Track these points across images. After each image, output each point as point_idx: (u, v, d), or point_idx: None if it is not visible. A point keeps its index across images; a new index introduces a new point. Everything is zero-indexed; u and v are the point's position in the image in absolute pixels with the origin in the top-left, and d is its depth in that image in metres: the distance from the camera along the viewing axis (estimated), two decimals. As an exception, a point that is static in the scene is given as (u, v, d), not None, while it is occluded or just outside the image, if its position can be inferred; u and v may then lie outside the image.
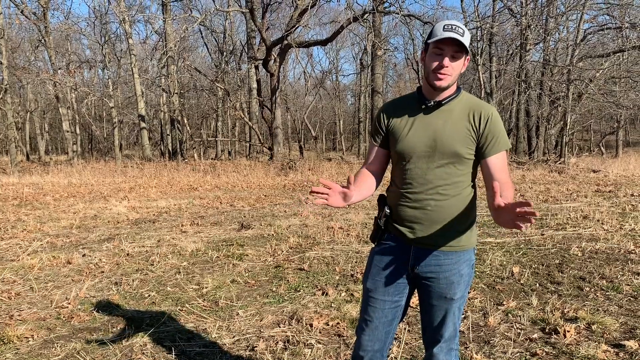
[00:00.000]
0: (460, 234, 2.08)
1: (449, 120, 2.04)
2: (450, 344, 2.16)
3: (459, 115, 2.04)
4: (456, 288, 2.09)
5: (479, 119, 2.03)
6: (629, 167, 16.79)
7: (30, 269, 5.52)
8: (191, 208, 10.02)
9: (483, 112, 2.04)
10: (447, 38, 1.93)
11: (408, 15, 18.90)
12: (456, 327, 2.15)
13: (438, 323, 2.13)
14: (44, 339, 3.69)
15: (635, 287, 4.46)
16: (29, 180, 16.68)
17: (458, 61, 1.99)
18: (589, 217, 7.73)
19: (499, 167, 2.03)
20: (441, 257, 2.08)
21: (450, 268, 2.08)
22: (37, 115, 36.73)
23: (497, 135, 2.03)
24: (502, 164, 2.04)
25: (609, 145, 34.95)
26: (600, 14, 20.60)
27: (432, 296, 2.12)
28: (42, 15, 24.25)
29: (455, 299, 2.09)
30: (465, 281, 2.11)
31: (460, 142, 2.02)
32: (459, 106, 2.06)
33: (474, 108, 2.05)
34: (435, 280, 2.09)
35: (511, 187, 2.03)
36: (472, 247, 2.13)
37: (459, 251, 2.08)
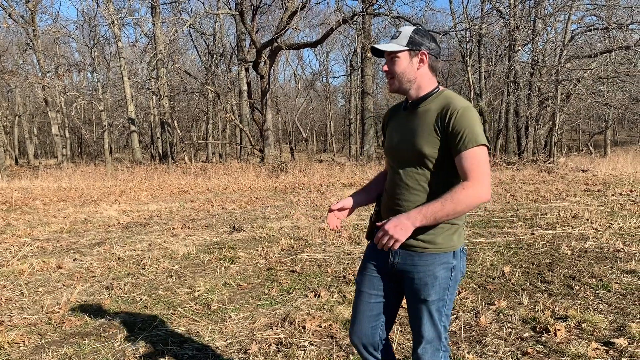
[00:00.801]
0: (433, 235, 2.04)
1: (421, 121, 2.06)
2: (435, 345, 2.12)
3: (432, 114, 2.03)
4: (430, 290, 2.05)
5: (446, 117, 1.97)
6: (617, 166, 16.95)
7: (21, 274, 5.48)
8: (182, 211, 10.00)
9: (450, 108, 1.98)
10: (371, 48, 2.12)
11: (397, 17, 18.97)
12: (439, 329, 2.10)
13: (416, 323, 2.13)
14: (35, 344, 3.67)
15: (624, 285, 4.51)
16: (18, 184, 16.56)
17: (397, 61, 2.06)
18: (578, 216, 7.80)
19: (466, 166, 1.93)
20: (415, 258, 2.07)
21: (423, 269, 2.05)
22: (26, 119, 36.44)
23: (463, 132, 1.93)
24: (470, 162, 1.93)
25: (597, 144, 35.26)
26: (587, 14, 20.80)
27: (408, 295, 2.15)
28: (30, 19, 24.08)
29: (430, 300, 2.05)
30: (440, 284, 2.05)
31: (426, 142, 2.01)
32: (434, 105, 2.05)
33: (445, 106, 2.01)
34: (410, 280, 2.09)
35: (463, 186, 1.92)
36: (451, 250, 2.06)
37: (433, 253, 2.04)
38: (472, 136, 1.93)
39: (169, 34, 22.12)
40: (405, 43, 2.04)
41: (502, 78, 22.04)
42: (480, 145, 1.93)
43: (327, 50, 40.28)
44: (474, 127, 1.94)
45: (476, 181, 1.91)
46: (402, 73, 2.06)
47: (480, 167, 1.93)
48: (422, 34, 2.07)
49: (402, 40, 2.04)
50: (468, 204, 1.91)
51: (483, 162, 1.94)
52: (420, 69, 2.07)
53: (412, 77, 2.07)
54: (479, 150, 1.94)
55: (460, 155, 1.94)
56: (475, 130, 1.94)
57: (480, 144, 1.93)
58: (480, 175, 1.92)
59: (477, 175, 1.91)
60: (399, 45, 2.05)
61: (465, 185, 1.91)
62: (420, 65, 2.07)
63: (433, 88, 2.10)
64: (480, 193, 1.91)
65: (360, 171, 17.50)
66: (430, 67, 2.09)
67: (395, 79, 2.08)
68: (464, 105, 1.98)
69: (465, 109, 1.96)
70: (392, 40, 2.08)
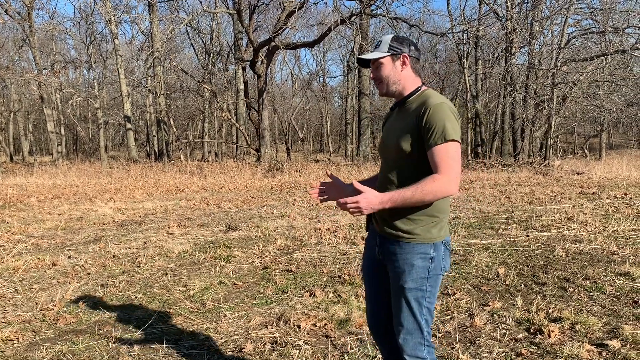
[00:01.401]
0: (413, 226, 2.15)
1: (403, 118, 2.22)
2: (416, 337, 2.18)
3: (412, 112, 2.17)
4: (407, 277, 2.15)
5: (421, 113, 2.10)
6: (612, 170, 17.02)
7: (15, 271, 5.46)
8: (178, 210, 9.98)
9: (425, 105, 2.10)
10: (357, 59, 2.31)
11: (395, 18, 19.01)
12: (419, 321, 2.17)
13: (396, 311, 2.22)
14: (29, 341, 3.66)
15: (618, 288, 4.53)
16: (13, 181, 16.49)
17: (381, 67, 2.25)
18: (573, 218, 7.83)
19: (436, 160, 2.03)
20: (396, 246, 2.19)
21: (402, 257, 2.17)
22: (21, 116, 36.29)
23: (433, 127, 2.04)
24: (440, 157, 2.03)
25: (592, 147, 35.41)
26: (584, 18, 20.89)
27: (391, 283, 2.26)
28: (27, 15, 23.99)
29: (407, 287, 2.15)
30: (417, 272, 2.14)
31: (404, 137, 2.14)
32: (415, 104, 2.20)
33: (422, 103, 2.14)
34: (391, 267, 2.23)
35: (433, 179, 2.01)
36: (430, 241, 2.15)
37: (411, 242, 2.15)
38: (442, 132, 2.04)
39: (166, 32, 22.06)
40: (386, 49, 2.23)
41: (499, 80, 22.11)
42: (450, 140, 2.04)
43: (325, 50, 40.36)
44: (445, 123, 2.04)
45: (445, 175, 2.02)
46: (387, 77, 2.24)
47: (449, 161, 2.03)
48: (401, 40, 2.26)
49: (384, 47, 2.24)
50: (435, 195, 2.03)
51: (452, 157, 2.04)
52: (404, 70, 2.25)
53: (396, 79, 2.24)
54: (449, 145, 2.04)
55: (432, 150, 2.05)
56: (445, 125, 2.04)
57: (449, 140, 2.03)
58: (449, 169, 2.02)
59: (445, 169, 2.02)
60: (381, 52, 2.23)
61: (435, 177, 2.02)
62: (403, 67, 2.25)
63: (416, 87, 2.26)
64: (447, 186, 2.02)
65: (357, 171, 17.52)
66: (413, 69, 2.27)
67: (383, 83, 2.26)
68: (438, 102, 2.09)
69: (438, 105, 2.07)
70: (375, 50, 2.28)
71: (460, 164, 2.09)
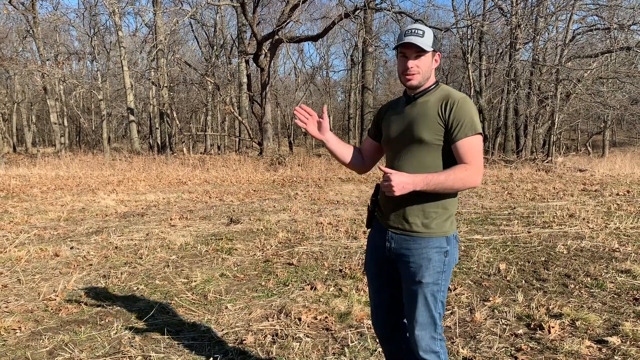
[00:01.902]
0: (429, 220, 2.17)
1: (422, 110, 2.20)
2: (430, 331, 2.20)
3: (432, 105, 2.17)
4: (424, 272, 2.15)
5: (446, 106, 2.13)
6: (615, 167, 16.99)
7: (18, 261, 5.49)
8: (180, 202, 10.00)
9: (450, 99, 2.14)
10: (406, 42, 2.14)
11: (399, 13, 18.92)
12: (434, 315, 2.19)
13: (410, 306, 2.21)
14: (32, 330, 3.69)
15: (619, 285, 4.54)
16: (16, 172, 16.53)
17: (422, 59, 2.18)
18: (575, 215, 7.82)
19: (464, 151, 2.10)
20: (410, 242, 2.19)
21: (418, 252, 2.17)
22: (25, 107, 36.33)
23: (462, 121, 2.10)
24: (467, 149, 2.10)
25: (595, 145, 35.32)
26: (589, 14, 20.77)
27: (404, 279, 2.24)
28: (31, 6, 23.95)
29: (424, 282, 2.16)
30: (434, 267, 2.16)
31: (426, 128, 2.14)
32: (433, 98, 2.21)
33: (445, 97, 2.17)
34: (406, 263, 2.20)
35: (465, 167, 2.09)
36: (444, 235, 2.19)
37: (426, 237, 2.17)
38: (471, 125, 2.11)
39: (169, 24, 22.02)
40: (431, 43, 2.16)
41: (503, 76, 22.03)
42: (478, 133, 2.12)
43: (328, 44, 40.23)
44: (472, 116, 2.12)
45: (474, 166, 2.09)
46: (425, 70, 2.19)
47: (477, 154, 2.11)
48: (438, 38, 2.26)
49: (428, 40, 2.16)
50: (464, 183, 2.08)
51: (479, 150, 2.13)
52: (434, 67, 2.25)
53: (428, 74, 2.21)
54: (477, 138, 2.12)
55: (461, 142, 2.10)
56: (473, 119, 2.12)
57: (477, 133, 2.11)
58: (478, 161, 2.11)
59: (475, 161, 2.10)
60: (427, 45, 2.15)
61: (467, 167, 2.08)
62: (434, 65, 2.24)
63: (433, 83, 2.27)
64: (475, 177, 2.09)
65: (359, 166, 17.48)
66: (437, 67, 2.28)
67: (420, 74, 2.19)
68: (463, 96, 2.16)
69: (464, 99, 2.14)
70: (417, 38, 2.15)
71: (482, 160, 2.16)
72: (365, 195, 10.64)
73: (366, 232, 6.78)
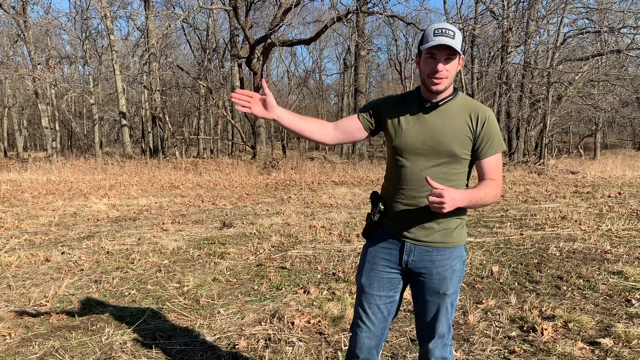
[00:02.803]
0: (450, 230, 2.14)
1: (447, 121, 2.09)
2: (444, 339, 2.20)
3: (458, 116, 2.09)
4: (449, 283, 2.14)
5: (477, 121, 2.09)
6: (607, 169, 17.09)
7: (8, 267, 5.43)
8: (172, 206, 9.96)
9: (480, 114, 2.10)
10: (440, 45, 1.97)
11: (392, 16, 18.99)
12: (449, 323, 2.20)
13: (432, 319, 2.17)
14: (22, 337, 3.65)
15: (611, 286, 4.55)
16: (7, 177, 16.41)
17: (452, 63, 2.03)
18: (567, 217, 7.85)
19: (492, 168, 2.12)
20: (434, 253, 2.13)
21: (443, 264, 2.13)
22: (16, 111, 36.07)
23: (492, 138, 2.10)
24: (496, 165, 2.13)
25: (587, 147, 35.49)
26: (579, 18, 20.90)
27: (426, 292, 2.17)
28: (22, 9, 23.84)
29: (449, 294, 2.15)
30: (457, 276, 2.17)
31: (457, 142, 2.08)
32: (456, 107, 2.11)
33: (472, 109, 2.11)
34: (429, 275, 2.14)
35: (496, 184, 2.11)
36: (463, 243, 2.20)
37: (450, 247, 2.15)
38: (499, 142, 2.13)
39: (161, 28, 22.01)
40: (459, 47, 2.01)
41: (495, 79, 22.11)
42: (502, 151, 2.16)
43: (321, 47, 40.25)
44: (499, 134, 2.15)
45: (499, 182, 2.13)
46: (452, 74, 2.07)
47: (500, 171, 2.16)
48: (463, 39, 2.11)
49: (458, 42, 2.00)
50: (494, 198, 2.11)
51: (501, 166, 2.17)
52: (457, 71, 2.11)
53: (453, 78, 2.10)
54: (500, 155, 2.16)
55: (490, 158, 2.12)
56: (500, 136, 2.15)
57: (502, 150, 2.16)
58: (501, 177, 2.16)
59: (499, 177, 2.14)
60: (458, 48, 2.01)
61: (496, 184, 2.11)
62: (459, 67, 2.11)
63: (454, 90, 2.16)
64: (499, 192, 2.13)
65: (352, 169, 17.51)
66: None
67: (447, 79, 2.04)
68: (491, 112, 2.15)
69: (493, 116, 2.15)
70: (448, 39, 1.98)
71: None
72: (359, 199, 10.64)
73: (359, 236, 6.76)
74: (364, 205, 9.72)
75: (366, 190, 12.20)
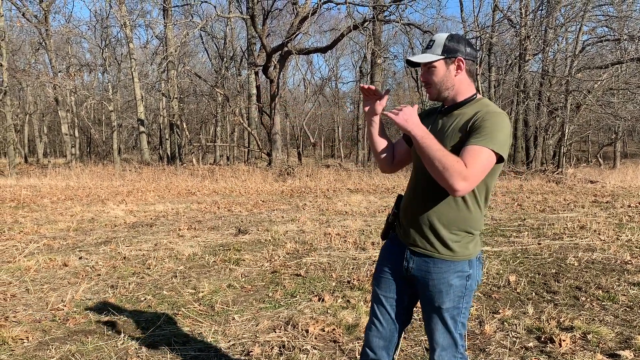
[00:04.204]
0: (451, 242, 2.04)
1: (455, 124, 2.04)
2: (451, 352, 2.13)
3: (466, 119, 2.00)
4: (444, 297, 2.05)
5: (476, 118, 1.96)
6: (627, 178, 16.84)
7: (27, 271, 5.51)
8: (189, 212, 10.02)
9: (481, 112, 1.97)
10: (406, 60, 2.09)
11: (408, 24, 18.98)
12: (455, 337, 2.11)
13: (431, 329, 2.14)
14: (39, 340, 3.68)
15: (631, 298, 4.47)
16: (27, 182, 16.67)
17: (435, 72, 2.04)
18: (586, 227, 7.74)
19: (468, 154, 1.87)
20: (430, 264, 2.07)
21: (438, 277, 2.06)
22: (36, 118, 36.72)
23: (481, 130, 1.90)
24: (475, 154, 1.86)
25: (606, 156, 35.04)
26: (599, 26, 20.74)
27: (423, 302, 2.15)
28: (44, 18, 24.29)
29: (444, 308, 2.07)
30: (455, 292, 2.06)
31: (453, 143, 1.98)
32: (470, 110, 2.03)
33: (479, 109, 2.00)
34: (425, 286, 2.10)
35: (460, 165, 1.84)
36: (467, 258, 2.06)
37: (449, 260, 2.04)
38: (490, 138, 1.88)
39: (180, 37, 22.23)
40: (440, 52, 2.02)
41: (512, 87, 21.97)
42: (491, 149, 1.87)
43: (337, 55, 40.30)
44: (496, 132, 1.90)
45: (466, 170, 1.84)
46: (441, 82, 2.05)
47: (479, 165, 1.86)
48: (457, 40, 2.04)
49: (437, 49, 2.03)
50: (445, 171, 1.83)
51: (482, 164, 1.88)
52: (459, 75, 2.05)
53: (450, 84, 2.05)
54: (487, 152, 1.87)
55: (471, 146, 1.89)
56: (495, 135, 1.89)
57: (489, 148, 1.87)
58: (473, 170, 1.85)
59: (470, 167, 1.85)
60: (434, 54, 2.03)
61: (460, 165, 1.84)
62: (458, 72, 2.05)
63: (471, 95, 2.09)
64: (459, 178, 1.83)
65: (367, 177, 17.47)
66: (468, 72, 2.07)
67: (433, 87, 2.07)
68: (497, 111, 1.97)
69: (498, 114, 1.95)
70: (426, 50, 2.07)
71: (481, 177, 1.89)
72: (374, 206, 10.60)
73: (375, 244, 6.74)
74: (380, 213, 9.68)
75: (382, 198, 12.16)
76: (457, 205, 2.03)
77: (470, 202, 2.04)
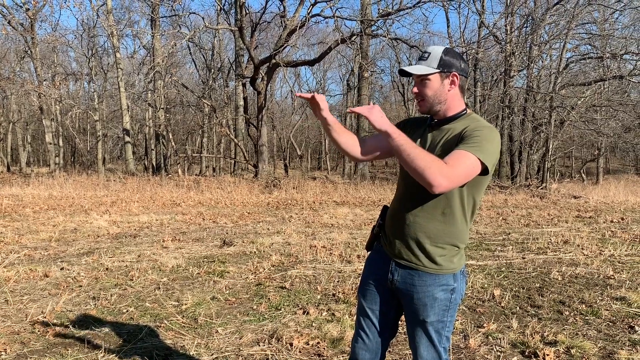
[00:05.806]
0: (436, 256, 2.03)
1: (445, 138, 2.03)
2: None
3: (456, 133, 1.99)
4: (429, 311, 2.05)
5: (466, 131, 1.94)
6: (609, 194, 17.05)
7: (6, 282, 5.40)
8: (173, 224, 9.93)
9: (472, 125, 1.97)
10: (400, 70, 2.07)
11: (395, 39, 19.17)
12: (439, 350, 2.10)
13: (415, 343, 2.13)
14: (17, 353, 3.60)
15: (614, 312, 4.50)
16: (9, 191, 16.42)
17: (428, 84, 2.03)
18: (570, 242, 7.81)
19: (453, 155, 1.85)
20: (415, 277, 2.06)
21: (423, 290, 2.05)
22: (20, 127, 36.27)
23: (469, 138, 1.89)
24: (459, 157, 1.84)
25: (589, 172, 35.48)
26: (582, 43, 21.12)
27: (407, 315, 2.14)
28: (30, 27, 24.14)
29: (429, 321, 2.06)
30: (440, 306, 2.05)
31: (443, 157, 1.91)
32: (460, 125, 2.01)
33: (469, 124, 1.99)
34: (410, 299, 2.09)
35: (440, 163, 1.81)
36: (451, 272, 2.06)
37: (433, 274, 2.03)
38: (478, 147, 1.86)
39: (167, 47, 22.17)
40: (436, 65, 2.00)
41: (497, 103, 22.22)
42: (478, 157, 1.85)
43: (325, 69, 40.59)
44: (484, 143, 1.89)
45: (448, 168, 1.81)
46: (434, 95, 2.03)
47: (462, 167, 1.83)
48: (453, 55, 2.03)
49: (433, 62, 2.01)
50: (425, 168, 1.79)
51: (466, 167, 1.84)
52: (452, 90, 2.04)
53: (442, 98, 2.04)
54: (472, 158, 1.85)
55: (454, 151, 1.87)
56: (483, 144, 1.88)
57: (476, 155, 1.85)
58: (455, 170, 1.82)
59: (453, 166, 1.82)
60: (430, 67, 2.01)
61: (440, 163, 1.81)
62: (451, 87, 2.04)
63: (461, 110, 2.08)
64: (440, 175, 1.78)
65: (354, 190, 17.50)
66: (460, 88, 2.07)
67: (425, 101, 2.05)
68: (489, 126, 1.99)
69: (489, 128, 1.96)
70: (420, 62, 2.04)
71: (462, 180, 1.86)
72: (360, 219, 10.60)
73: (360, 257, 6.73)
74: (366, 225, 9.68)
75: (367, 210, 12.17)
76: (444, 218, 2.02)
77: (458, 216, 2.04)
